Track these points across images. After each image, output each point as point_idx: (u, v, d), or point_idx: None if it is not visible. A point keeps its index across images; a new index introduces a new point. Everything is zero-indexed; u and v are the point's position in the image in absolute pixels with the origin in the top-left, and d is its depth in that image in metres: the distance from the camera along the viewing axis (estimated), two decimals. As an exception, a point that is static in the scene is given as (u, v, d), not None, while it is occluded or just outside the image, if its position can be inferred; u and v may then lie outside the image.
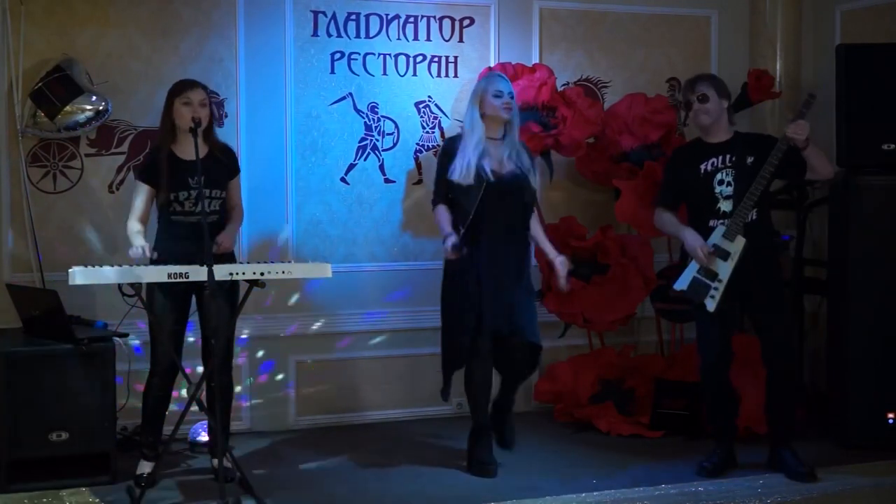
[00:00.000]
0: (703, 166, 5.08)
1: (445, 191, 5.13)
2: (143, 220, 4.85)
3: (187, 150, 4.73)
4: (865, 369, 5.52)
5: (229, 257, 4.92)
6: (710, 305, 5.01)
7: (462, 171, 5.01)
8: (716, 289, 5.00)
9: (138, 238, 4.72)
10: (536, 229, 5.27)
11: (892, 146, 5.54)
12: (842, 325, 5.60)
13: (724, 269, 4.98)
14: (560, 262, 5.18)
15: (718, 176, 5.06)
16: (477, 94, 5.12)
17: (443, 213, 5.13)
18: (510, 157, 5.08)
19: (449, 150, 5.15)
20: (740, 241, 4.96)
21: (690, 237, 5.07)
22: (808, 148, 4.91)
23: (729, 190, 5.03)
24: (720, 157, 5.07)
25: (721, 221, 5.02)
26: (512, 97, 5.12)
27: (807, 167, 5.01)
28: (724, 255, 4.98)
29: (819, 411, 5.88)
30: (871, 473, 5.15)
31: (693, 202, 5.17)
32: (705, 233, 5.05)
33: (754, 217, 5.02)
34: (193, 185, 4.73)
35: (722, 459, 5.16)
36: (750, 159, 5.03)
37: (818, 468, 5.12)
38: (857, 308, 5.54)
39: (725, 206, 5.03)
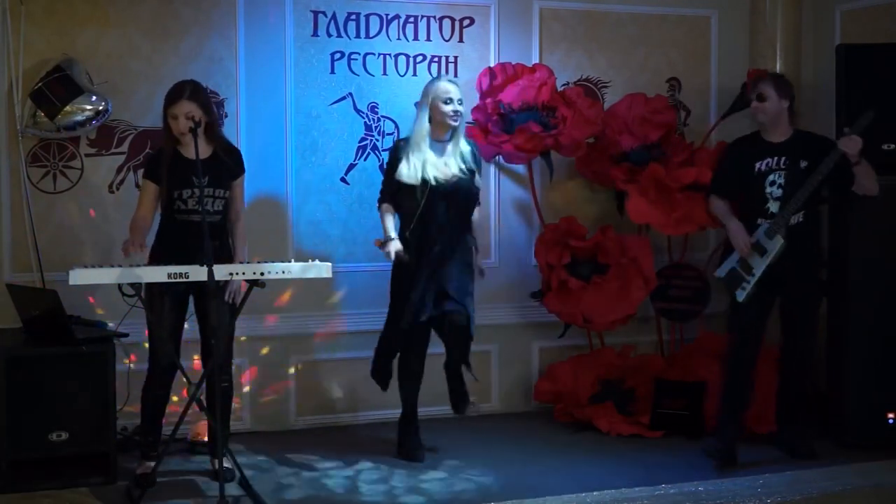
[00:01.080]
0: (758, 165, 5.20)
1: (393, 190, 5.26)
2: (147, 219, 4.86)
3: (191, 149, 4.74)
4: (865, 369, 5.52)
5: (228, 258, 4.92)
6: (741, 296, 5.19)
7: (409, 172, 5.17)
8: (748, 282, 5.16)
9: (138, 255, 4.71)
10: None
11: (892, 146, 5.54)
12: (842, 325, 5.60)
13: (759, 265, 5.14)
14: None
15: (771, 177, 5.18)
16: (427, 97, 5.24)
17: (388, 214, 5.30)
18: (454, 160, 5.22)
19: (398, 151, 5.28)
20: (778, 241, 5.09)
21: (735, 228, 5.23)
22: (860, 164, 5.05)
23: (779, 192, 5.14)
24: (775, 159, 5.18)
25: (769, 221, 5.15)
26: (461, 103, 5.24)
27: (854, 181, 5.15)
28: (762, 252, 5.13)
29: (819, 411, 5.88)
30: (871, 473, 5.15)
31: (744, 199, 5.29)
32: (752, 230, 5.19)
33: (800, 219, 5.15)
34: (197, 184, 4.74)
35: (727, 444, 5.23)
36: (804, 164, 5.14)
37: (818, 469, 5.16)
38: (857, 308, 5.54)
39: (775, 207, 5.15)
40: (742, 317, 5.27)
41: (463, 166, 5.24)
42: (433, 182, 5.15)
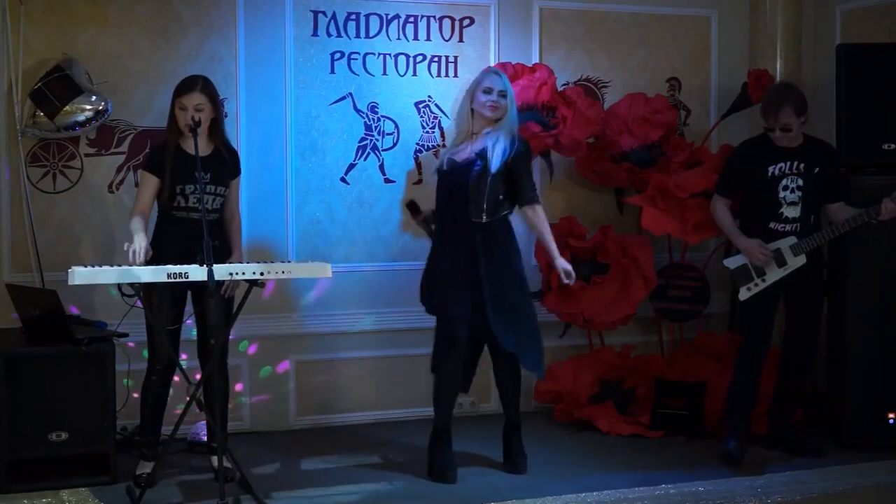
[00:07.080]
0: (770, 169, 5.17)
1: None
2: (146, 213, 4.83)
3: (193, 145, 4.73)
4: (865, 369, 5.52)
5: (227, 257, 4.92)
6: (743, 296, 5.23)
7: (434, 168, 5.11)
8: (756, 285, 5.19)
9: (140, 238, 4.67)
10: (542, 226, 5.07)
11: (892, 146, 5.55)
12: (842, 325, 5.60)
13: (773, 275, 5.17)
14: (563, 272, 5.07)
15: (784, 181, 5.17)
16: (471, 88, 5.10)
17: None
18: (480, 145, 4.93)
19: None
20: (801, 260, 5.15)
21: (748, 245, 5.18)
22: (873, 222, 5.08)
23: (793, 196, 5.15)
24: (788, 163, 5.18)
25: (783, 226, 5.17)
26: (503, 95, 4.98)
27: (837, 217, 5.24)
28: (781, 262, 5.15)
29: (820, 411, 5.88)
30: (871, 473, 5.15)
31: (755, 203, 5.27)
32: (765, 234, 5.18)
33: (800, 225, 5.20)
34: (198, 179, 4.73)
35: (741, 443, 5.23)
36: (816, 169, 5.18)
37: (819, 468, 5.17)
38: (856, 308, 5.54)
39: (789, 211, 5.16)
40: (753, 318, 5.30)
41: (483, 149, 4.90)
42: (445, 167, 4.96)
